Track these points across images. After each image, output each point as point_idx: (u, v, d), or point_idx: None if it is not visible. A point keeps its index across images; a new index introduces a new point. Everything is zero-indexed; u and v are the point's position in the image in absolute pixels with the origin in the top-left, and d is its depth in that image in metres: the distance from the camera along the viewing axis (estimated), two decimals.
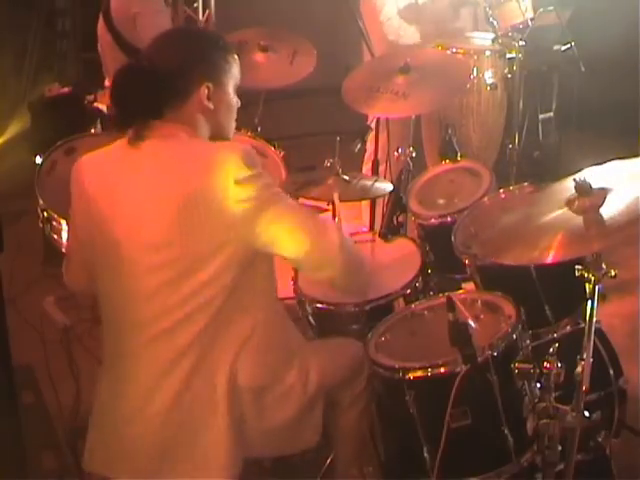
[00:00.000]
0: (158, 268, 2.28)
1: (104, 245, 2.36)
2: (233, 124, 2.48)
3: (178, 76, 2.32)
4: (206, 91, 2.34)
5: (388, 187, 3.42)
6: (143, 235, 2.29)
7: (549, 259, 2.16)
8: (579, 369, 2.27)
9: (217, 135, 2.44)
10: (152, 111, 2.31)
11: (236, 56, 2.45)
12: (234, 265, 2.28)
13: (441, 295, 2.81)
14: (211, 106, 2.35)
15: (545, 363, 2.31)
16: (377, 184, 3.38)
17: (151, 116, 2.31)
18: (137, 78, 2.30)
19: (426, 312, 2.77)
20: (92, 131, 4.08)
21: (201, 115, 2.36)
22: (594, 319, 2.28)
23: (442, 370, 2.44)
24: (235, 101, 2.45)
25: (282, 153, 3.72)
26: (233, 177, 2.22)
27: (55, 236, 3.29)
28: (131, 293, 2.34)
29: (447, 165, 3.63)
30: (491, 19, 4.24)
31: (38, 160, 3.49)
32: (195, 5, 5.59)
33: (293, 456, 2.66)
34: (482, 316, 2.62)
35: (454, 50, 4.15)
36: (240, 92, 2.47)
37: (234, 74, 2.43)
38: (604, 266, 2.26)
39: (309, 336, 3.00)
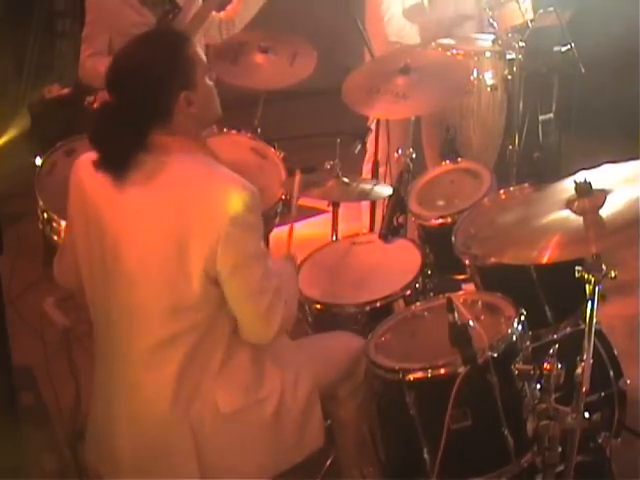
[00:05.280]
0: (151, 278, 2.28)
1: (100, 245, 2.34)
2: (217, 102, 2.44)
3: (155, 103, 2.28)
4: (185, 101, 2.30)
5: (387, 190, 3.42)
6: (139, 244, 2.28)
7: (548, 259, 2.16)
8: (579, 370, 2.27)
9: (208, 121, 2.44)
10: (139, 144, 2.28)
11: (190, 37, 2.43)
12: (210, 296, 2.29)
13: (441, 296, 2.81)
14: (194, 110, 2.32)
15: (545, 364, 2.30)
16: (376, 187, 3.39)
17: (139, 149, 2.28)
18: (115, 119, 2.25)
19: (426, 313, 2.77)
20: None
21: (189, 119, 2.33)
22: (594, 320, 2.28)
23: (442, 371, 2.44)
24: (211, 84, 2.39)
25: (282, 154, 3.72)
26: (230, 214, 2.22)
27: (55, 237, 3.28)
28: (123, 297, 2.33)
29: (447, 166, 3.63)
30: (491, 20, 4.25)
31: (38, 161, 3.48)
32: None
33: None
34: (482, 317, 2.62)
35: (454, 51, 4.15)
36: (240, 93, 2.47)
37: (200, 63, 2.37)
38: (604, 267, 2.26)
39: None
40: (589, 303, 2.27)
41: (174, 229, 2.24)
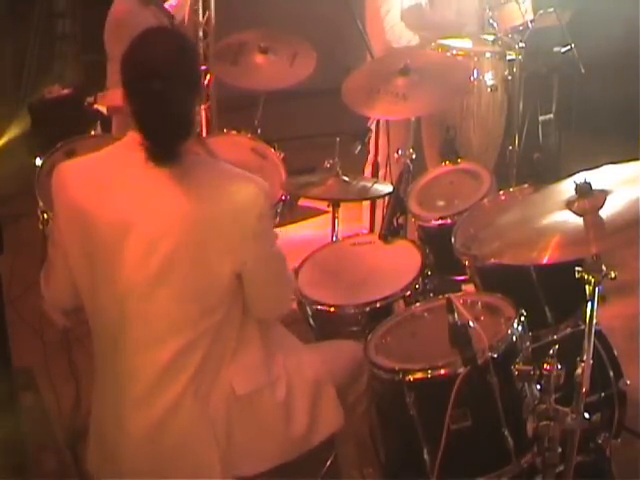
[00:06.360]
0: (172, 287, 2.25)
1: (97, 253, 2.29)
2: None
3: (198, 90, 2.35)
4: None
5: (387, 189, 3.42)
6: (155, 254, 2.23)
7: (548, 260, 2.16)
8: (579, 371, 2.28)
9: None
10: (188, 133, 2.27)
11: None
12: (231, 289, 2.30)
13: (441, 297, 2.81)
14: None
15: (545, 365, 2.31)
16: (376, 186, 3.39)
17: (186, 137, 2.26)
18: (170, 108, 2.21)
19: (426, 314, 2.77)
20: (92, 133, 4.08)
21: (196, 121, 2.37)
22: (594, 321, 2.28)
23: (442, 372, 2.44)
24: None
25: (282, 155, 3.72)
26: (255, 211, 2.25)
27: None
28: (137, 308, 2.28)
29: (447, 167, 3.63)
30: (491, 21, 4.25)
31: (38, 162, 3.48)
32: (195, 7, 5.59)
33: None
34: (482, 318, 2.62)
35: (454, 52, 4.15)
36: (240, 93, 2.47)
37: None
38: (604, 268, 2.26)
39: (309, 338, 3.00)
40: (589, 304, 2.28)
41: (197, 233, 2.22)
